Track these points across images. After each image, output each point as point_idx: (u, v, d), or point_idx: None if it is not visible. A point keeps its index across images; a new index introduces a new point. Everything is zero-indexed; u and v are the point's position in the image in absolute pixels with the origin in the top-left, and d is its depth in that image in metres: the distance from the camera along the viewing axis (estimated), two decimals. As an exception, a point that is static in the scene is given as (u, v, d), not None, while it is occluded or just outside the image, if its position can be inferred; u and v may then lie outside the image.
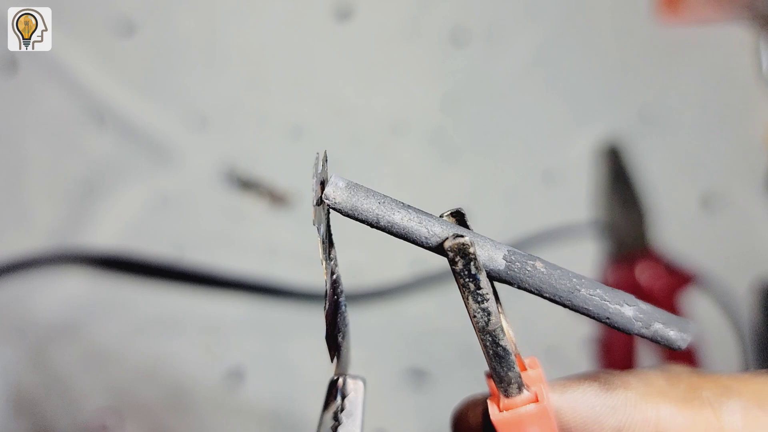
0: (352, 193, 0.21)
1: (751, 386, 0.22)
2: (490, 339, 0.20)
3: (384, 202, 0.21)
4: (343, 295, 0.23)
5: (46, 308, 0.53)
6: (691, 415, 0.21)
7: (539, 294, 0.21)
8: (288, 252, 0.56)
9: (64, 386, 0.53)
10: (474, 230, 0.21)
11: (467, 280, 0.20)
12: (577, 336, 0.60)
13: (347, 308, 0.24)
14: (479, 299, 0.20)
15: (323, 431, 0.22)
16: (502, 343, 0.20)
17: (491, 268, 0.21)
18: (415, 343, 0.58)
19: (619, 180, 0.60)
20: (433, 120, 0.59)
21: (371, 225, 0.21)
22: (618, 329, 0.21)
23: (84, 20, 0.54)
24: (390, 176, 0.58)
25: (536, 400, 0.21)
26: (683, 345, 0.21)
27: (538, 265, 0.21)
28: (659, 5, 0.62)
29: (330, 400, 0.23)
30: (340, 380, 0.23)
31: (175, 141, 0.55)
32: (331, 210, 0.21)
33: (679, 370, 0.23)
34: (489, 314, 0.20)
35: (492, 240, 0.21)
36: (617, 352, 0.59)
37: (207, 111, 0.56)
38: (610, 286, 0.22)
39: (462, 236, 0.20)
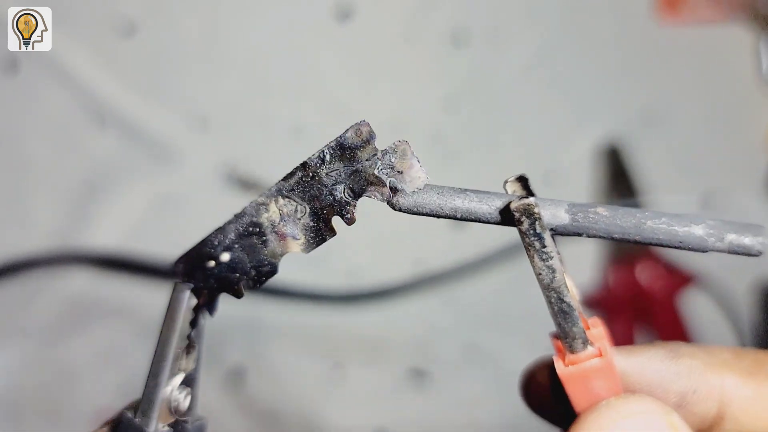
0: (414, 192, 0.22)
1: None
2: (555, 295, 0.21)
3: (442, 192, 0.22)
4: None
5: (48, 308, 0.53)
6: (755, 387, 0.22)
7: (609, 237, 0.22)
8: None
9: (67, 385, 0.53)
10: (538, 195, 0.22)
11: (533, 239, 0.21)
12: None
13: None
14: (544, 257, 0.21)
15: None
16: (566, 299, 0.21)
17: (557, 224, 0.22)
18: (415, 343, 0.58)
19: (619, 180, 0.60)
20: (434, 120, 0.59)
21: (437, 216, 0.22)
22: (694, 251, 0.22)
23: (84, 20, 0.54)
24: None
25: (600, 355, 0.22)
26: (763, 249, 0.21)
27: (600, 210, 0.21)
28: (659, 6, 0.62)
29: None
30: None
31: (176, 142, 0.55)
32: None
33: (744, 348, 0.23)
34: (554, 271, 0.21)
35: (552, 199, 0.22)
36: (615, 339, 0.59)
37: (208, 112, 0.56)
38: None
39: (526, 197, 0.21)
